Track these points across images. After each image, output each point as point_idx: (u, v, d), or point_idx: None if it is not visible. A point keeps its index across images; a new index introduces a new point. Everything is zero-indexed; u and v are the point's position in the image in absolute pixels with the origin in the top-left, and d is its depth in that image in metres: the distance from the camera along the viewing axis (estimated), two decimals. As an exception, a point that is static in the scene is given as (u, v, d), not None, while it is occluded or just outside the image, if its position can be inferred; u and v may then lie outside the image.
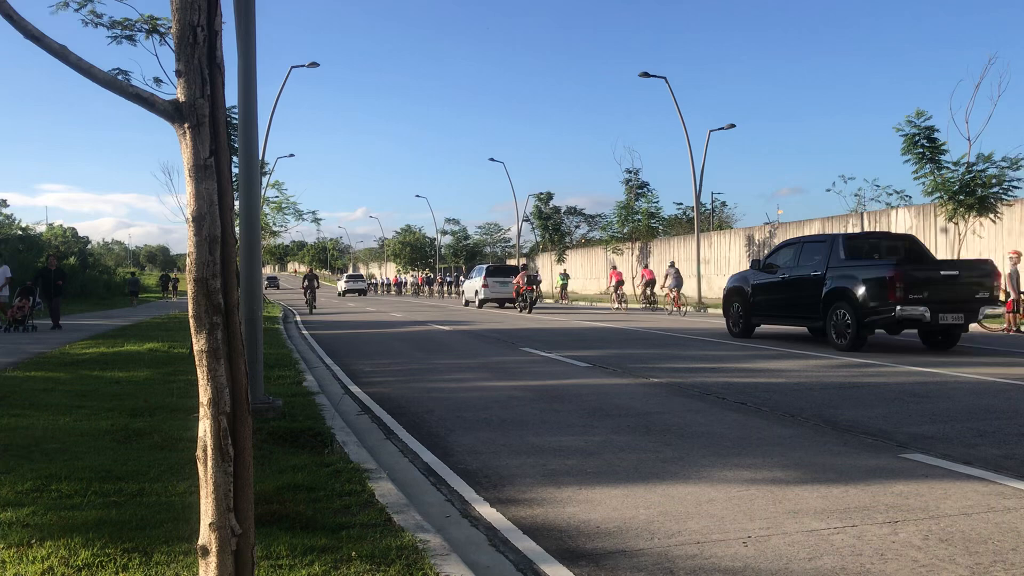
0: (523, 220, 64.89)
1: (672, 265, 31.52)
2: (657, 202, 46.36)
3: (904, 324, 13.84)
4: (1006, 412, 7.97)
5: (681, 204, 67.69)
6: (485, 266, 40.92)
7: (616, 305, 33.56)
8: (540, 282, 36.71)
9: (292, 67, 35.56)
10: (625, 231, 45.17)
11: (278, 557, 3.90)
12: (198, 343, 2.30)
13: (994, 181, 21.71)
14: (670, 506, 5.06)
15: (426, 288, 73.77)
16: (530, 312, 31.08)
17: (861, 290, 13.93)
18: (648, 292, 33.71)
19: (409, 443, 7.08)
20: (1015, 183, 21.96)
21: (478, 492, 5.49)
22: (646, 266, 37.47)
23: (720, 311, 22.40)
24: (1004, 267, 19.74)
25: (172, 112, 2.28)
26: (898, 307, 13.38)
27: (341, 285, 69.84)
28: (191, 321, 2.30)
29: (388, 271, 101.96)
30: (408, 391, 10.27)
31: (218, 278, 2.25)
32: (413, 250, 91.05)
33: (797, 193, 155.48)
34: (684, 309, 29.69)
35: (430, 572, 3.73)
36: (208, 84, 2.25)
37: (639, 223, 44.73)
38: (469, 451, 6.74)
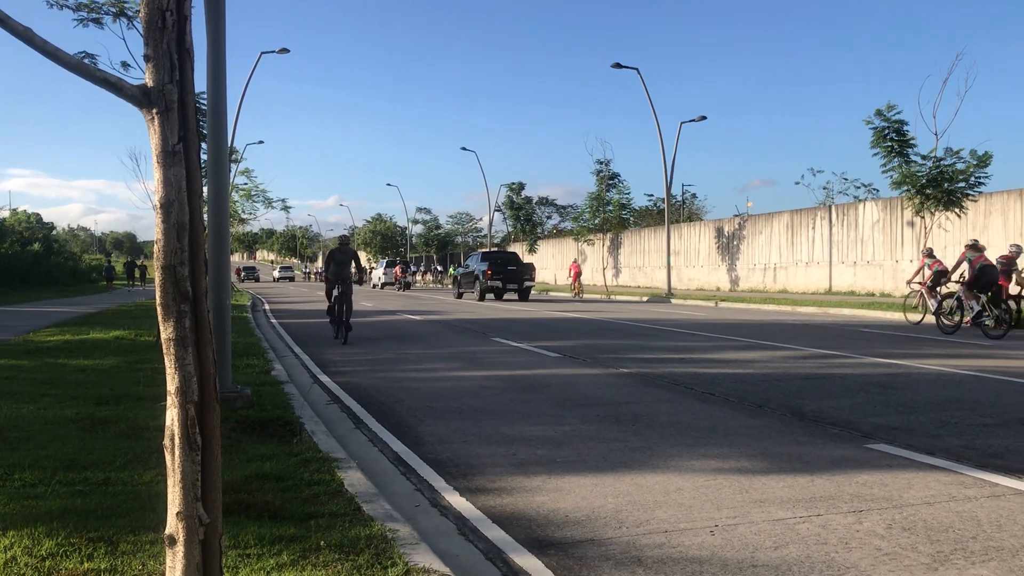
0: (495, 210, 64.82)
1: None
2: (628, 193, 46.64)
3: (494, 288, 33.13)
4: (968, 403, 8.10)
5: (652, 196, 67.90)
6: (385, 260, 61.12)
7: (574, 294, 39.33)
8: (415, 272, 56.71)
9: (262, 53, 35.22)
10: (596, 222, 45.24)
11: (246, 547, 3.88)
12: (166, 331, 2.27)
13: (961, 176, 21.99)
14: (638, 495, 5.10)
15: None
16: (406, 290, 47.90)
17: (481, 272, 33.28)
18: (577, 284, 40.31)
19: (379, 432, 7.07)
20: (982, 179, 22.26)
21: (448, 481, 5.49)
22: (575, 261, 42.69)
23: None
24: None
25: (140, 97, 2.24)
26: (489, 281, 32.77)
27: (275, 273, 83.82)
28: (159, 309, 2.28)
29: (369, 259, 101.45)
30: (378, 380, 10.24)
31: (186, 265, 2.22)
32: (384, 239, 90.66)
33: (768, 186, 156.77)
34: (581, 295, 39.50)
35: (399, 561, 3.73)
36: (177, 69, 2.22)
37: (610, 214, 44.81)
38: (439, 440, 6.74)
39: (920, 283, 19.89)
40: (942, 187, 22.03)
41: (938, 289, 19.04)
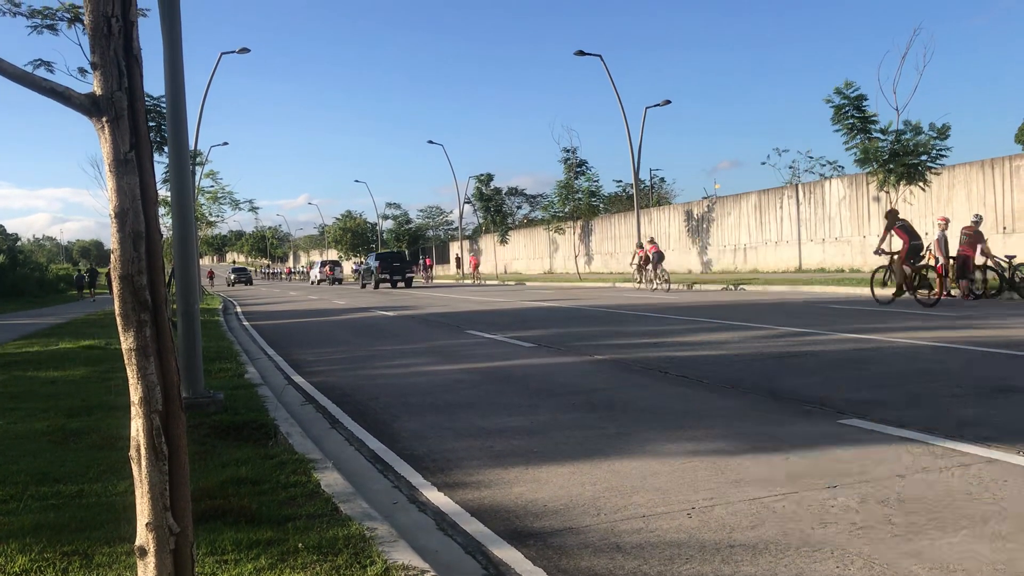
0: (465, 202, 64.73)
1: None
2: (597, 180, 46.70)
3: (384, 279, 44.77)
4: (938, 374, 8.21)
5: (621, 181, 68.13)
6: (322, 260, 74.02)
7: (472, 281, 47.87)
8: (339, 267, 70.26)
9: (222, 54, 34.88)
10: (566, 210, 45.35)
11: (223, 552, 3.86)
12: (126, 341, 2.25)
13: (922, 150, 22.23)
14: (616, 481, 5.12)
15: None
16: (336, 285, 59.52)
17: (374, 268, 45.27)
18: (477, 273, 49.49)
19: (355, 431, 7.04)
20: (943, 152, 22.52)
21: (425, 477, 5.49)
22: (474, 254, 49.02)
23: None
24: (933, 234, 20.27)
25: (89, 106, 2.21)
26: (379, 274, 44.41)
27: (231, 276, 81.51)
28: (118, 319, 2.25)
29: (330, 257, 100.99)
30: (353, 379, 10.20)
31: (144, 274, 2.20)
32: (354, 236, 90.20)
33: (736, 167, 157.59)
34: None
35: (378, 559, 3.72)
36: (125, 76, 2.18)
37: (580, 202, 44.92)
38: (415, 436, 6.73)
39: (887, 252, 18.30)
40: (904, 161, 22.26)
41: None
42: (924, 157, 22.38)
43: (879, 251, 18.44)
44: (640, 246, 32.21)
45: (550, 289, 34.48)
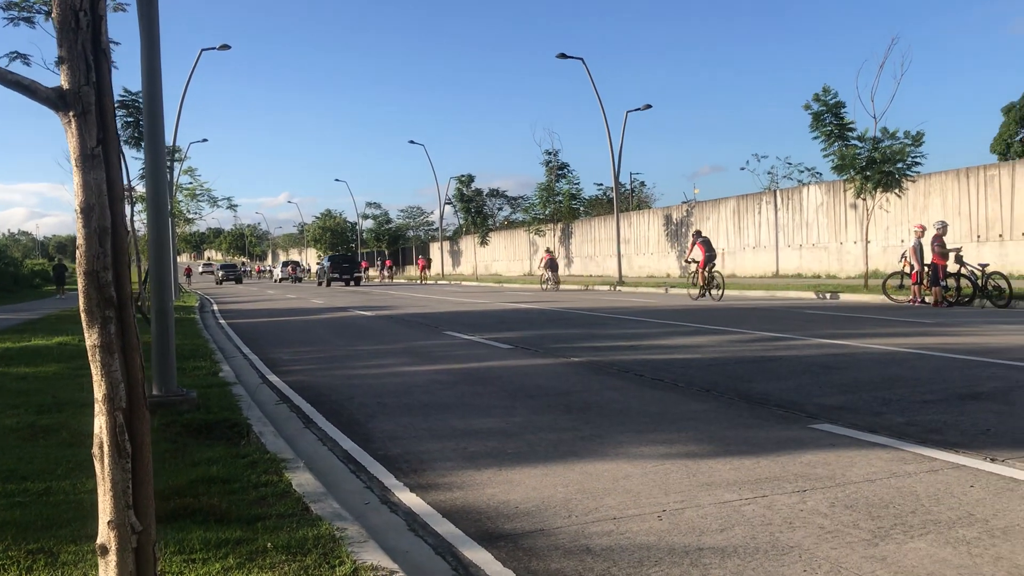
0: (445, 203, 64.68)
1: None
2: (578, 183, 46.88)
3: (335, 278, 53.92)
4: (909, 380, 8.28)
5: (601, 185, 68.04)
6: (285, 260, 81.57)
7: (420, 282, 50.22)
8: (300, 266, 77.81)
9: (202, 50, 34.69)
10: (547, 212, 45.40)
11: (191, 551, 3.83)
12: (90, 338, 2.23)
13: (897, 157, 22.41)
14: (588, 483, 5.13)
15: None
16: (298, 283, 65.13)
17: (328, 268, 54.72)
18: (424, 273, 57.08)
19: (328, 431, 7.02)
20: (918, 159, 22.71)
21: (398, 478, 5.47)
22: (387, 256, 49.21)
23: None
24: (909, 241, 20.45)
25: (56, 100, 2.19)
26: (330, 274, 53.97)
27: (219, 274, 79.70)
28: (83, 316, 2.23)
29: (309, 256, 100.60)
30: (328, 378, 10.16)
31: (109, 270, 2.18)
32: (334, 235, 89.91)
33: (717, 171, 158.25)
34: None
35: (347, 560, 3.71)
36: (93, 71, 2.17)
37: (560, 204, 44.99)
38: (390, 437, 6.71)
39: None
40: (881, 168, 22.44)
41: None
42: (900, 164, 22.55)
43: (688, 260, 24.85)
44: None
45: (506, 291, 34.48)
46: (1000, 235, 26.83)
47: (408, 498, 5.01)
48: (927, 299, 19.04)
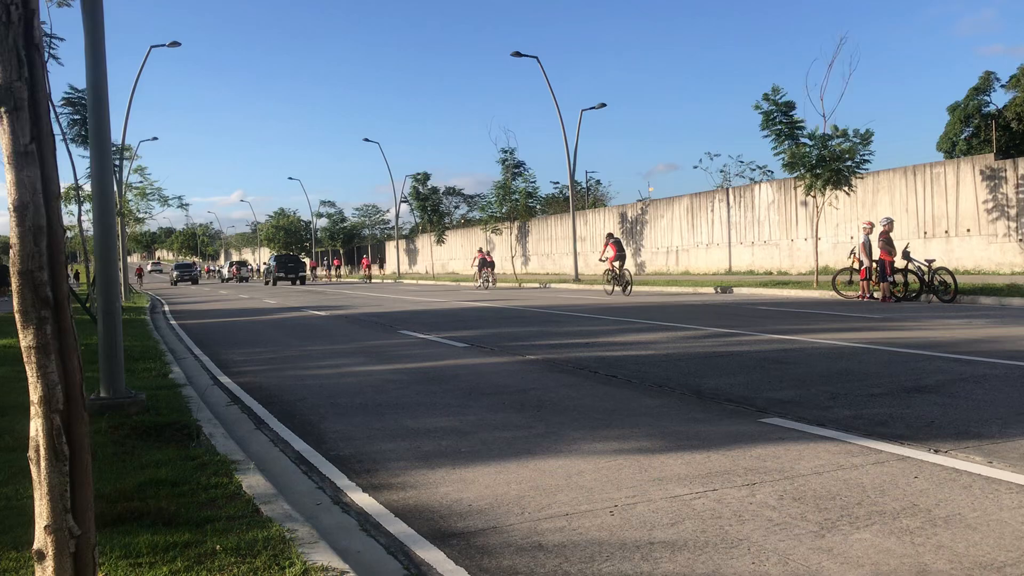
0: (401, 201, 64.42)
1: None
2: (534, 181, 47.02)
3: (281, 277, 56.22)
4: (857, 374, 8.43)
5: (558, 183, 68.60)
6: (230, 261, 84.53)
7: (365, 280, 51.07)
8: (247, 266, 78.73)
9: (152, 47, 34.10)
10: (503, 211, 45.39)
11: (138, 555, 3.77)
12: (25, 339, 2.18)
13: (847, 155, 22.81)
14: (541, 480, 5.15)
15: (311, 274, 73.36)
16: (242, 283, 66.06)
17: (273, 267, 56.75)
18: (328, 273, 60.48)
19: (280, 432, 6.95)
20: (867, 157, 23.14)
21: (351, 478, 5.44)
22: (365, 256, 50.21)
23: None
24: (858, 238, 20.82)
25: (-13, 95, 2.14)
26: (276, 273, 56.07)
27: (173, 274, 74.21)
28: (17, 316, 2.18)
29: (263, 256, 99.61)
30: (281, 379, 10.06)
31: (45, 270, 2.13)
32: (288, 234, 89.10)
33: (672, 170, 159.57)
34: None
35: (297, 560, 3.68)
36: (26, 66, 2.12)
37: (517, 203, 45.00)
38: (343, 437, 6.66)
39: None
40: (830, 166, 22.81)
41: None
42: (849, 162, 22.95)
43: (601, 259, 27.35)
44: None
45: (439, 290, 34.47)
46: (946, 231, 27.42)
47: (361, 498, 4.98)
48: (875, 294, 19.40)
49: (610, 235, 27.67)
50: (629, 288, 26.08)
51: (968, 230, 26.66)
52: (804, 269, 31.04)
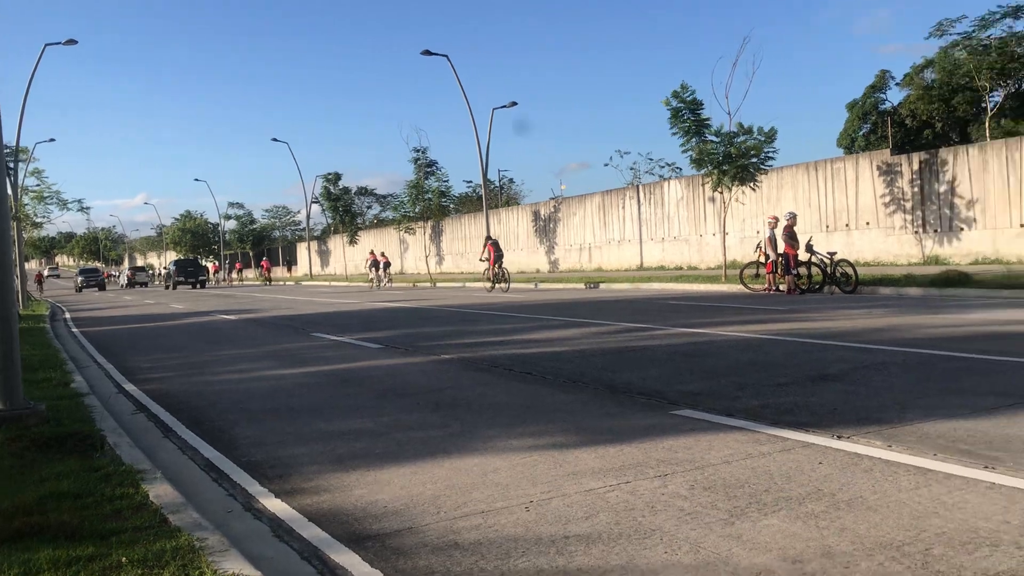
0: (312, 202, 63.52)
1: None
2: (447, 180, 46.69)
3: (181, 281, 53.96)
4: (764, 365, 8.67)
5: (471, 182, 68.57)
6: (127, 267, 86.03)
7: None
8: (145, 271, 76.99)
9: (46, 45, 32.79)
10: (417, 210, 45.13)
11: (38, 571, 3.63)
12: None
13: (752, 152, 23.42)
14: (457, 479, 5.14)
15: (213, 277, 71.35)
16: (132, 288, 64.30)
17: (173, 272, 54.98)
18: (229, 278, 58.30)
19: (189, 439, 6.77)
20: (771, 154, 23.80)
21: (263, 484, 5.33)
22: (213, 261, 48.54)
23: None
24: (764, 232, 21.39)
25: None
26: (176, 277, 54.07)
27: (78, 280, 67.09)
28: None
29: (168, 260, 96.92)
30: (190, 385, 9.81)
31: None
32: (195, 237, 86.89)
33: (584, 168, 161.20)
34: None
35: (207, 570, 3.59)
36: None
37: (430, 202, 44.79)
38: (254, 443, 6.53)
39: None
40: (736, 163, 23.39)
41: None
42: (754, 159, 23.57)
43: (482, 259, 30.32)
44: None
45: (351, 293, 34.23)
46: (847, 224, 28.40)
47: (273, 504, 4.89)
48: (781, 287, 19.97)
49: (488, 237, 31.26)
50: (508, 285, 28.53)
51: (867, 223, 27.67)
52: (713, 264, 31.74)
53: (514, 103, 38.60)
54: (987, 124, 43.09)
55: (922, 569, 3.41)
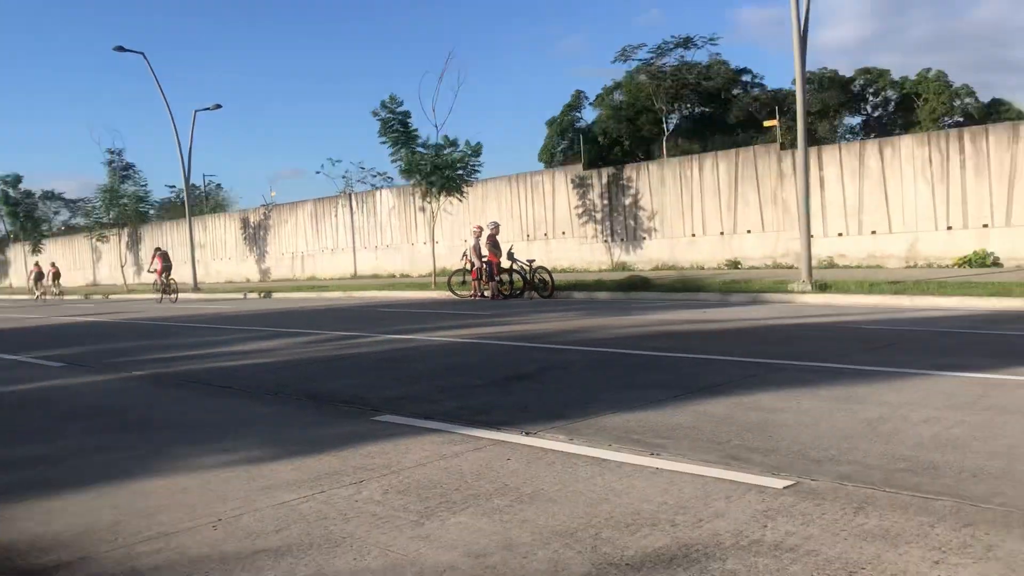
0: (-14, 207, 56.80)
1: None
2: (146, 185, 43.74)
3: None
4: (465, 368, 8.98)
5: (174, 187, 64.71)
6: None
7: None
8: None
9: None
10: (111, 216, 41.93)
11: None
12: None
13: (459, 164, 24.19)
14: (141, 503, 4.85)
15: None
16: None
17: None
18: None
19: None
20: (477, 167, 24.72)
21: (-94, 524, 4.71)
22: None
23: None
24: (470, 240, 22.16)
25: None
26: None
27: None
28: None
29: None
30: None
31: None
32: None
33: (299, 175, 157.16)
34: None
35: None
36: None
37: (127, 208, 41.79)
38: (-101, 479, 5.75)
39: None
40: (444, 174, 24.05)
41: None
42: (461, 171, 24.35)
43: (150, 270, 31.37)
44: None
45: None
46: (545, 234, 30.12)
47: (-83, 546, 4.34)
48: (486, 293, 20.78)
49: (157, 249, 31.82)
50: (176, 296, 29.63)
51: (564, 232, 29.52)
52: (425, 271, 32.34)
53: (218, 105, 37.01)
54: (664, 144, 47.56)
55: (592, 552, 3.70)
